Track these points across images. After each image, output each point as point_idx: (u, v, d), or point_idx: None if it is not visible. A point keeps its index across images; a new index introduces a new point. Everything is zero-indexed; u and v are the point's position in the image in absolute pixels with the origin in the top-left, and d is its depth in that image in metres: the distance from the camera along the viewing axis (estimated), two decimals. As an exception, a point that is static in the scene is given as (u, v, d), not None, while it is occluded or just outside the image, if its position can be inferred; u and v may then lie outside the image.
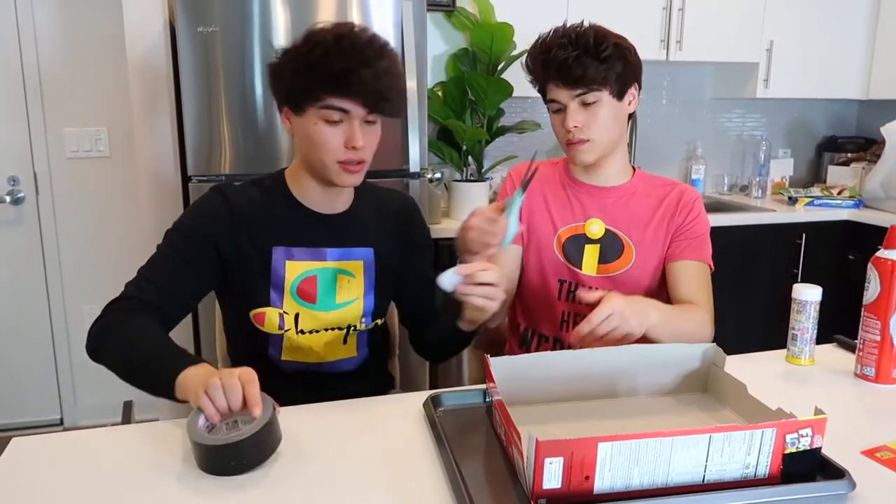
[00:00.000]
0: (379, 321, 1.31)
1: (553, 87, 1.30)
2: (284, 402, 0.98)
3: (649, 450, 0.75)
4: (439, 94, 2.65)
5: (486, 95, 2.51)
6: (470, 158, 2.68)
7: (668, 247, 1.39)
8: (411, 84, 2.20)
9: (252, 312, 1.20)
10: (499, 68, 2.57)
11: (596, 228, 1.39)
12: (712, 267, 1.38)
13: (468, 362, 1.61)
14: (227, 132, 2.15)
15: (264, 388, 0.91)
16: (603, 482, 0.76)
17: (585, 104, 1.28)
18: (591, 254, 1.39)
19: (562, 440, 0.73)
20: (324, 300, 1.22)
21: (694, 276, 1.35)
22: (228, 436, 0.85)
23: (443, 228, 2.50)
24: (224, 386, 0.88)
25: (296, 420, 0.98)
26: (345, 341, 1.26)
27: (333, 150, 1.12)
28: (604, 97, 1.29)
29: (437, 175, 2.78)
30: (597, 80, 1.26)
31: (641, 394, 1.05)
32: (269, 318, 1.19)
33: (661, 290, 1.39)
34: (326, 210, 1.23)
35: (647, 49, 2.77)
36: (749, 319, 2.82)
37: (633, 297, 1.14)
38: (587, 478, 0.75)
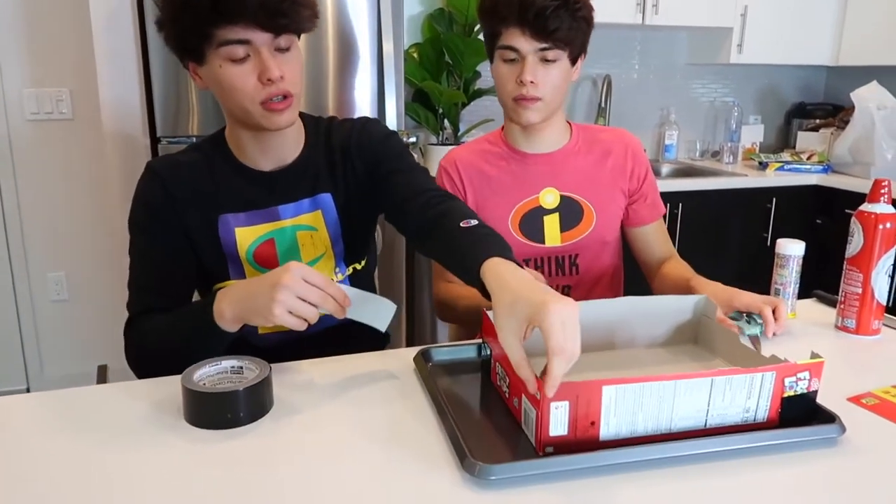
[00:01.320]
0: (357, 265, 1.23)
1: (516, 33, 1.21)
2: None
3: (653, 394, 0.76)
4: (415, 55, 2.60)
5: (462, 57, 2.48)
6: (446, 122, 2.65)
7: (628, 208, 1.39)
8: (388, 47, 2.17)
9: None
10: (475, 29, 2.54)
11: (551, 198, 1.35)
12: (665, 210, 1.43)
13: (448, 326, 1.60)
14: (196, 91, 2.08)
15: None
16: (608, 428, 0.76)
17: (545, 60, 1.22)
18: (551, 224, 1.35)
19: (567, 382, 0.73)
20: (289, 259, 1.14)
21: (660, 234, 1.39)
22: (227, 386, 0.85)
23: (419, 192, 2.48)
24: (296, 290, 0.87)
25: (284, 377, 0.96)
26: None
27: (250, 91, 0.99)
28: (563, 57, 1.23)
29: (413, 139, 2.75)
30: (564, 39, 1.21)
31: (638, 345, 1.06)
32: None
33: (618, 243, 1.42)
34: (271, 165, 1.12)
35: (623, 12, 2.76)
36: (721, 281, 2.86)
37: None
38: (593, 423, 0.75)
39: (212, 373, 0.89)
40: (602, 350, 1.04)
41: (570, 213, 1.34)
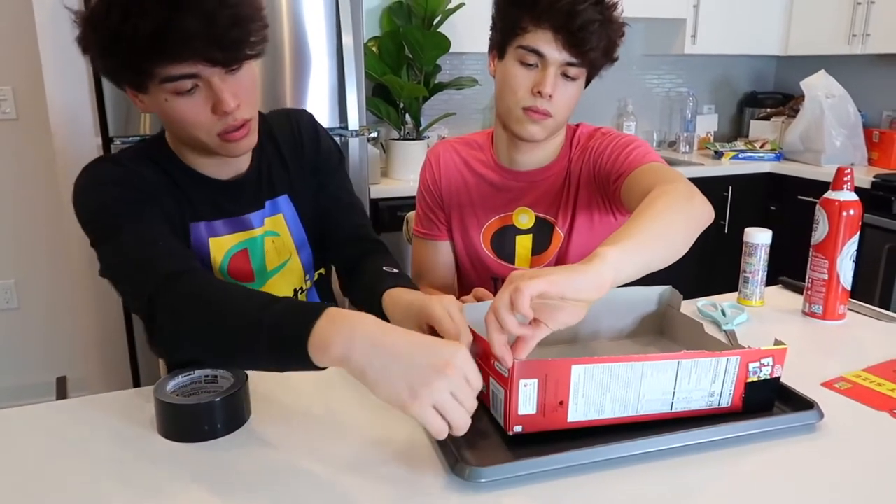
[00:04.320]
0: (323, 270, 1.20)
1: (547, 37, 1.06)
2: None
3: (621, 375, 0.76)
4: (374, 49, 2.57)
5: (422, 50, 2.45)
6: (408, 116, 2.62)
7: (602, 191, 1.19)
8: (347, 40, 2.13)
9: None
10: (434, 22, 2.51)
11: (525, 218, 1.26)
12: (663, 161, 1.13)
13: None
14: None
15: None
16: (577, 408, 0.76)
17: (566, 76, 1.10)
18: (522, 245, 1.27)
19: (536, 360, 0.73)
20: (260, 273, 1.08)
21: (646, 179, 1.05)
22: (202, 396, 0.82)
23: (382, 188, 2.45)
24: (456, 386, 0.67)
25: (261, 384, 0.93)
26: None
27: (204, 124, 0.90)
28: (582, 77, 1.13)
29: (374, 134, 2.72)
30: (594, 60, 1.09)
31: (603, 338, 1.06)
32: None
33: None
34: (229, 174, 1.03)
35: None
36: (679, 270, 2.91)
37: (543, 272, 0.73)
38: (561, 403, 0.75)
39: (184, 383, 0.86)
40: (565, 343, 1.04)
41: (542, 236, 1.26)
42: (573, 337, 1.05)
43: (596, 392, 0.76)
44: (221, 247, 1.04)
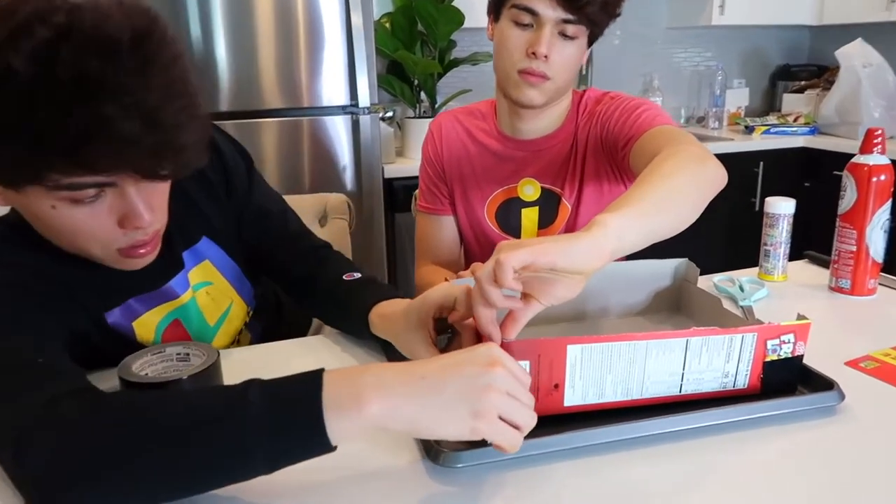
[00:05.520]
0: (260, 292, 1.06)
1: None
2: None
3: (623, 355, 0.70)
4: (387, 25, 2.51)
5: (436, 25, 2.38)
6: (423, 94, 2.56)
7: (611, 159, 1.12)
8: (356, 15, 2.07)
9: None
10: (448, -4, 2.44)
11: (530, 190, 1.20)
12: (675, 124, 1.05)
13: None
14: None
15: None
16: (574, 391, 0.70)
17: (564, 35, 1.04)
18: (528, 218, 1.21)
19: (529, 340, 0.67)
20: (200, 335, 0.94)
21: (655, 142, 0.98)
22: (167, 375, 0.77)
23: (396, 168, 2.40)
24: (510, 386, 0.58)
25: (236, 363, 0.89)
26: (238, 342, 1.01)
27: (102, 238, 0.71)
28: (582, 35, 1.06)
29: (390, 113, 2.66)
30: (593, 16, 1.03)
31: (612, 315, 0.99)
32: None
33: None
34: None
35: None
36: (708, 250, 2.81)
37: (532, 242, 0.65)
38: (556, 386, 0.69)
39: (154, 361, 0.80)
40: (571, 321, 0.98)
41: (548, 208, 1.20)
42: (580, 314, 0.99)
43: (595, 374, 0.70)
44: (148, 327, 0.88)
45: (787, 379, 0.75)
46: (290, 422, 0.55)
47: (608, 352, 0.70)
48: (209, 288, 0.95)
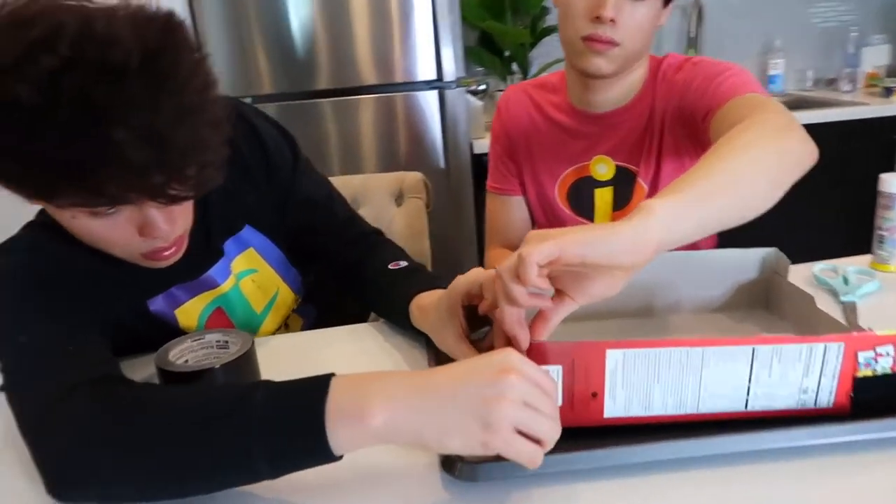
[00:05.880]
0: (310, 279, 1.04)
1: None
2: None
3: (673, 363, 0.60)
4: (475, -5, 2.42)
5: (526, -8, 2.27)
6: (514, 65, 2.46)
7: (691, 133, 1.00)
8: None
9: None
10: (540, -40, 2.31)
11: (603, 168, 1.10)
12: (765, 93, 0.91)
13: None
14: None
15: None
16: (615, 403, 0.62)
17: None
18: (602, 198, 1.11)
19: (560, 342, 0.59)
20: (246, 323, 0.94)
21: (738, 114, 0.85)
22: (205, 363, 0.76)
23: (486, 143, 2.32)
24: (526, 395, 0.52)
25: (273, 349, 0.87)
26: (287, 326, 1.01)
27: (124, 246, 0.71)
28: None
29: (483, 86, 2.58)
30: None
31: (685, 310, 0.88)
32: None
33: None
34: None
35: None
36: (833, 231, 2.54)
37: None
38: (595, 395, 0.61)
39: (195, 348, 0.80)
40: (634, 316, 0.88)
41: (624, 187, 1.10)
42: (646, 308, 0.88)
43: (640, 383, 0.61)
44: (191, 315, 0.88)
45: (884, 398, 0.62)
46: (290, 426, 0.53)
47: (655, 359, 0.61)
48: (254, 276, 0.94)
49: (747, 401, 0.62)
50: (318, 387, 0.54)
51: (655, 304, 0.88)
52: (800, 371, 0.61)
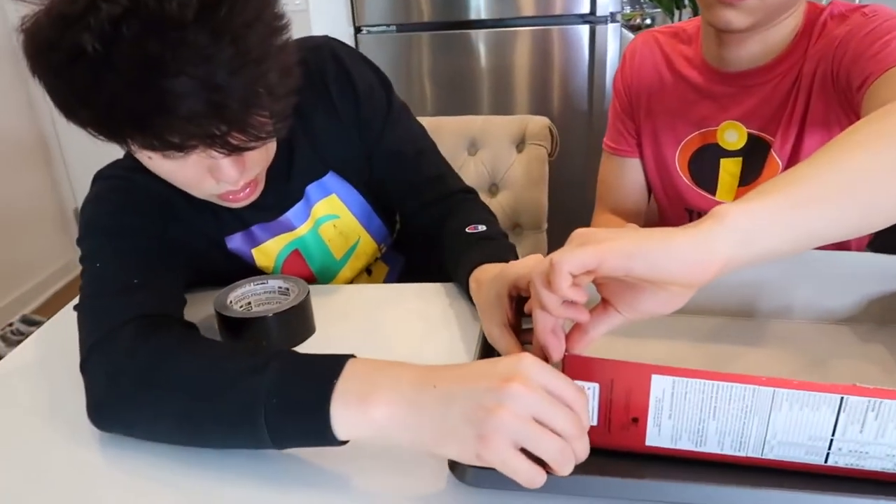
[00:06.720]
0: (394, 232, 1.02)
1: None
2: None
3: (734, 399, 0.50)
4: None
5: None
6: (685, -1, 2.20)
7: (845, 103, 0.82)
8: None
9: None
10: None
11: (733, 136, 0.94)
12: None
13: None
14: None
15: None
16: (660, 432, 0.52)
17: None
18: (728, 170, 0.96)
19: (599, 359, 0.51)
20: (324, 268, 0.94)
21: (890, 90, 0.70)
22: (258, 310, 0.77)
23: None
24: (533, 407, 0.46)
25: (334, 300, 0.85)
26: (369, 272, 1.00)
27: (197, 187, 0.72)
28: None
29: (648, 21, 2.35)
30: None
31: (797, 317, 0.74)
32: None
33: None
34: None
35: None
36: None
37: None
38: (635, 420, 0.52)
39: (257, 291, 0.81)
40: (729, 315, 0.75)
41: (754, 159, 0.93)
42: (747, 308, 0.75)
43: (692, 415, 0.51)
44: (268, 255, 0.89)
45: None
46: (295, 403, 0.53)
47: (711, 392, 0.50)
48: (336, 221, 0.92)
49: (828, 454, 0.50)
50: (332, 368, 0.53)
51: (760, 305, 0.74)
52: (900, 430, 0.48)
